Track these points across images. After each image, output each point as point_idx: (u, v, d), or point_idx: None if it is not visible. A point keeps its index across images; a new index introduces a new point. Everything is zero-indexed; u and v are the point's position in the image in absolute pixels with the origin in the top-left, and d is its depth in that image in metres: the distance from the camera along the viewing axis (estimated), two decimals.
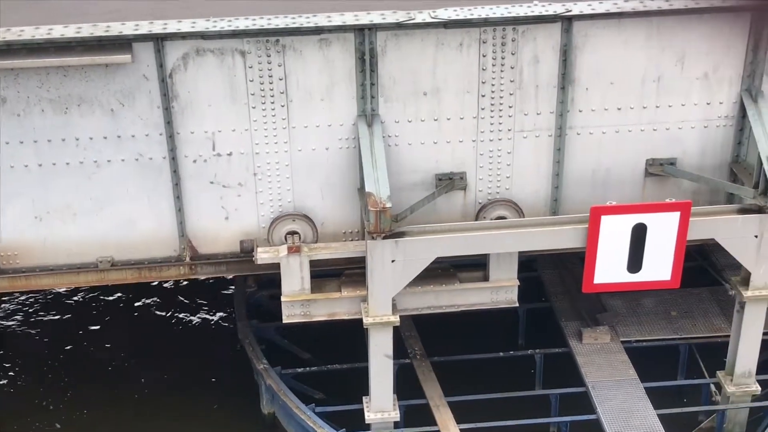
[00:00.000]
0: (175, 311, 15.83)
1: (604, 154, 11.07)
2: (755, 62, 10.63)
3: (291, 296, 10.97)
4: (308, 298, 11.01)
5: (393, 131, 10.68)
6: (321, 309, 11.12)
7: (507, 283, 11.24)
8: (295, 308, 11.05)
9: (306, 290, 10.97)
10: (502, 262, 11.12)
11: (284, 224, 10.97)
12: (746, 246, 10.73)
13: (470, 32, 10.29)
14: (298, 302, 10.99)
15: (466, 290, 11.27)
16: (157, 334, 15.32)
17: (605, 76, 10.64)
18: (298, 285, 10.89)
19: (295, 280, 10.85)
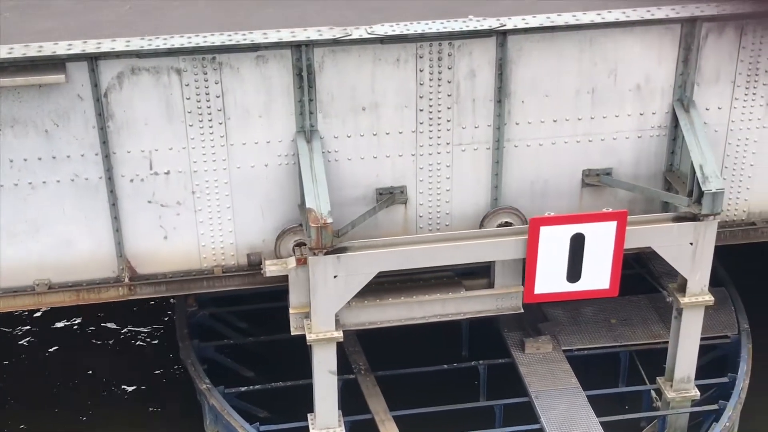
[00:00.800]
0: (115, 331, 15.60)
1: (541, 165, 11.20)
2: (686, 73, 10.86)
3: (299, 308, 10.90)
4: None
5: (332, 147, 10.69)
6: None
7: (512, 289, 11.30)
8: (302, 320, 10.99)
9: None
10: (507, 269, 11.18)
11: (292, 236, 10.90)
12: (682, 253, 10.94)
13: (407, 47, 10.35)
14: (305, 314, 10.93)
15: (472, 298, 11.32)
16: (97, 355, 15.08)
17: (540, 89, 10.78)
18: (306, 297, 10.80)
19: (303, 292, 10.77)
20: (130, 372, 14.64)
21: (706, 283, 11.18)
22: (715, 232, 10.87)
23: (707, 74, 10.93)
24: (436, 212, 11.23)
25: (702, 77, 10.93)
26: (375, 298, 11.10)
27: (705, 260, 11.00)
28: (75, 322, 15.78)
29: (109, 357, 15.06)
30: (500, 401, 12.31)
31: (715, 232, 10.87)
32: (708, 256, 10.99)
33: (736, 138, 11.32)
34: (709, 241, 10.89)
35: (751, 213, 11.82)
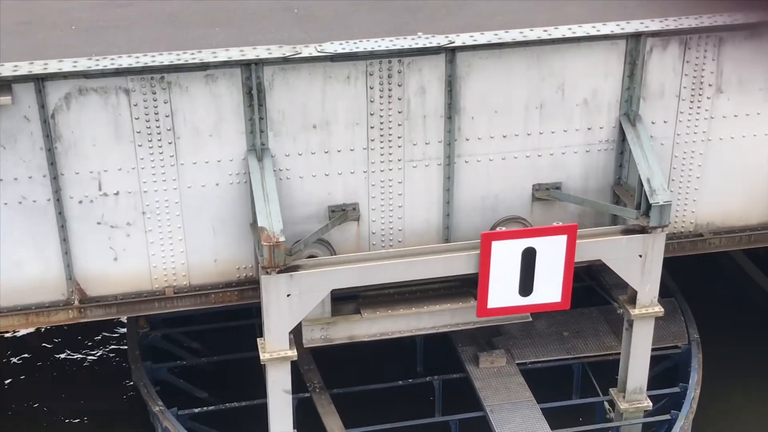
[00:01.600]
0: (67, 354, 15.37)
1: (492, 180, 11.28)
2: (631, 88, 11.03)
3: (312, 320, 11.01)
4: (329, 322, 11.07)
5: (284, 165, 10.67)
6: (341, 332, 11.23)
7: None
8: (316, 332, 11.10)
9: (327, 313, 11.03)
10: None
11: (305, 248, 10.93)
12: (631, 265, 11.07)
13: (357, 65, 10.38)
14: (318, 326, 11.03)
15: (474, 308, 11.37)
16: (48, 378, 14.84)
17: (490, 105, 10.87)
18: (319, 309, 10.89)
19: (317, 306, 10.83)
20: (83, 395, 14.41)
21: (656, 295, 11.32)
22: (663, 244, 11.02)
23: (653, 88, 11.11)
24: (388, 229, 11.25)
25: (648, 91, 11.11)
26: (387, 309, 11.26)
27: (654, 272, 11.15)
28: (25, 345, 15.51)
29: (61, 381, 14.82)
30: (456, 416, 12.35)
31: (663, 244, 11.02)
32: (657, 267, 11.14)
33: (682, 151, 11.51)
34: (657, 253, 11.04)
35: (699, 224, 12.01)
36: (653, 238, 10.92)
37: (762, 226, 12.15)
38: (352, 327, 11.28)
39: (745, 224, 12.11)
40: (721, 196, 11.80)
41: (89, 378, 14.96)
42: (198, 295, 11.09)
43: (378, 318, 11.24)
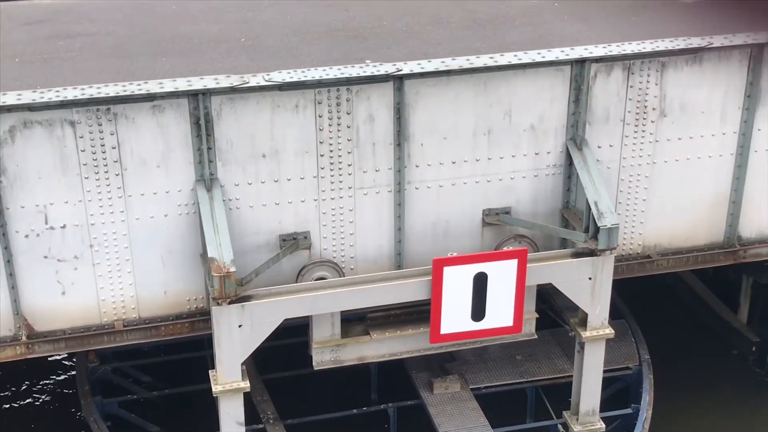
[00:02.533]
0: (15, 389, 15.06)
1: (442, 206, 11.33)
2: (577, 113, 11.18)
3: (321, 342, 11.04)
4: (339, 343, 11.07)
5: (233, 194, 10.61)
6: (351, 353, 11.21)
7: (526, 316, 11.36)
8: (325, 354, 11.08)
9: (336, 335, 11.02)
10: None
11: (314, 270, 10.97)
12: (581, 288, 11.17)
13: (305, 93, 10.39)
14: (328, 348, 11.04)
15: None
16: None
17: (439, 132, 10.94)
18: (329, 330, 10.94)
19: (326, 326, 10.89)
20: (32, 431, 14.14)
21: (606, 317, 11.42)
22: (612, 266, 11.14)
23: (598, 113, 11.27)
24: (340, 256, 11.23)
25: (593, 116, 11.26)
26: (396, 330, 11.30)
27: (604, 294, 11.25)
28: None
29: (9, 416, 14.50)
30: None
31: (612, 266, 11.14)
32: (606, 289, 11.24)
33: (628, 174, 11.68)
34: (607, 276, 11.15)
35: (646, 246, 12.17)
36: (602, 261, 11.03)
37: (708, 246, 12.35)
38: (361, 348, 11.26)
39: (692, 245, 12.29)
40: (667, 218, 11.98)
41: (38, 413, 14.66)
42: (148, 327, 10.95)
43: (387, 339, 11.26)
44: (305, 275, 11.06)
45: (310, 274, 11.06)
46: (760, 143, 11.88)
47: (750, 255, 12.57)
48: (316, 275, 11.06)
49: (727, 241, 12.36)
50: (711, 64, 11.34)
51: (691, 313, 16.22)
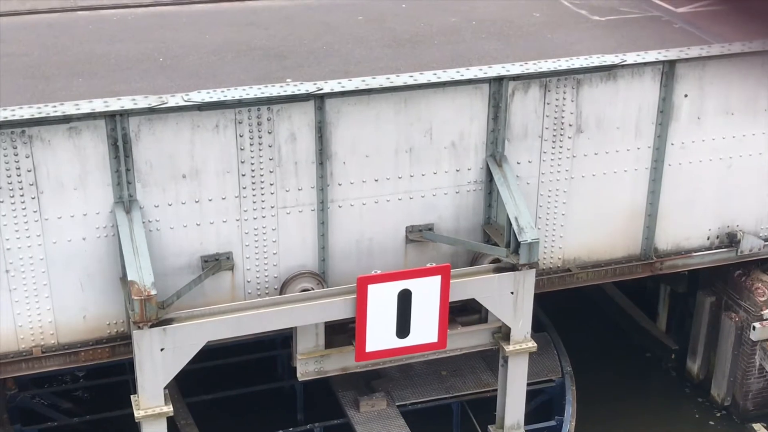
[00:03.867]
0: None
1: (366, 224, 11.36)
2: (496, 130, 11.33)
3: (306, 354, 11.04)
4: (323, 354, 11.02)
5: (153, 216, 10.47)
6: (335, 364, 11.23)
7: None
8: (310, 365, 11.04)
9: (320, 346, 10.99)
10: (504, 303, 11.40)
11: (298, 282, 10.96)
12: (504, 303, 11.29)
13: (225, 113, 10.33)
14: (312, 359, 11.00)
15: (467, 333, 11.56)
16: None
17: (361, 150, 10.98)
18: (313, 342, 10.93)
19: (310, 337, 10.88)
20: None
21: (529, 330, 11.56)
22: (533, 280, 11.29)
23: (516, 130, 11.44)
24: (264, 277, 11.16)
25: (512, 133, 11.43)
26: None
27: (526, 308, 11.39)
28: None
29: None
30: None
31: (533, 280, 11.29)
32: (528, 304, 11.39)
33: (547, 189, 11.87)
34: (528, 290, 11.30)
35: (566, 260, 12.38)
36: (523, 275, 11.18)
37: (626, 259, 12.62)
38: (345, 358, 11.21)
39: (610, 258, 12.55)
40: (586, 232, 12.21)
41: None
42: (67, 353, 10.72)
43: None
44: (290, 286, 11.08)
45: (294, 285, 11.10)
46: (673, 157, 12.20)
47: (666, 266, 12.88)
48: (299, 287, 11.09)
49: (644, 253, 12.65)
50: (625, 81, 11.61)
51: (612, 323, 16.53)
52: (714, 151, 12.34)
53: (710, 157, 12.36)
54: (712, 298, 14.28)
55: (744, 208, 12.83)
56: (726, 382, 14.23)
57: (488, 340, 11.80)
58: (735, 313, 13.85)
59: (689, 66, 11.79)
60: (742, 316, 13.72)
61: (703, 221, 12.73)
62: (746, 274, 13.64)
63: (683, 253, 12.83)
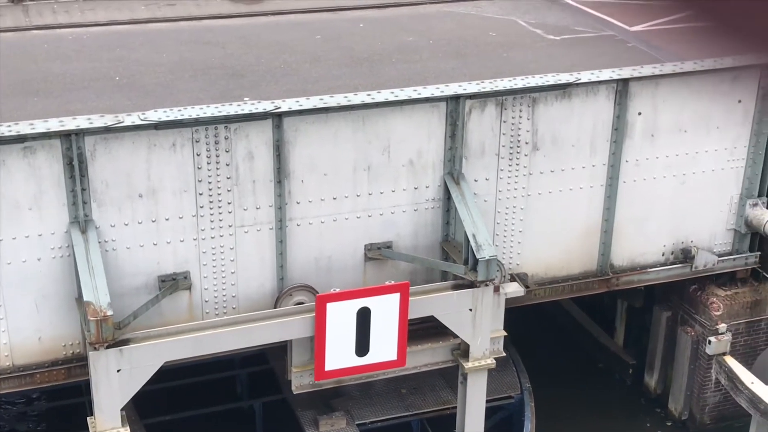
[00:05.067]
0: None
1: (324, 242, 11.37)
2: (454, 147, 11.41)
3: (301, 367, 11.11)
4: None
5: (109, 236, 10.39)
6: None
7: (495, 334, 11.54)
8: (305, 378, 11.09)
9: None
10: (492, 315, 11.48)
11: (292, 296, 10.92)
12: (462, 320, 11.34)
13: (182, 132, 10.29)
14: (307, 372, 11.04)
15: (426, 351, 11.59)
16: None
17: (319, 168, 10.99)
18: (308, 354, 10.93)
19: (305, 350, 10.91)
20: None
21: (488, 347, 11.62)
22: (491, 297, 11.35)
23: (474, 148, 11.53)
24: (222, 296, 11.11)
25: (469, 151, 11.52)
26: None
27: (484, 325, 11.45)
28: None
29: None
30: None
31: (491, 297, 11.35)
32: (487, 320, 11.45)
33: (504, 207, 11.96)
34: (487, 306, 11.36)
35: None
36: (482, 292, 11.24)
37: (583, 275, 12.74)
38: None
39: (567, 274, 12.66)
40: (543, 248, 12.31)
41: None
42: (22, 375, 10.57)
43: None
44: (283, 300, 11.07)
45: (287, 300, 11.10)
46: (628, 174, 12.36)
47: (622, 282, 13.03)
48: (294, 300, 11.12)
49: (601, 269, 12.78)
50: (580, 99, 11.77)
51: (570, 339, 16.64)
52: (668, 168, 12.53)
53: (664, 174, 12.54)
54: (669, 313, 14.45)
55: (698, 224, 13.02)
56: (683, 396, 14.38)
57: (447, 357, 11.85)
58: (691, 328, 14.02)
59: (642, 84, 11.97)
60: (698, 330, 13.90)
61: (658, 237, 12.91)
62: (701, 289, 13.83)
63: (639, 269, 12.99)
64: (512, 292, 11.78)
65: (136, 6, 14.32)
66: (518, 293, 11.90)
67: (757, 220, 12.97)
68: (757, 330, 13.87)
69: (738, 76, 12.33)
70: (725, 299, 13.61)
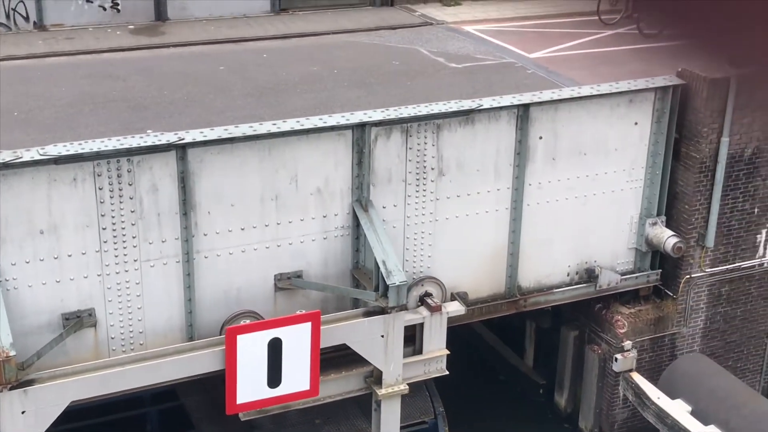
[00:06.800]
0: None
1: (233, 274, 11.26)
2: (361, 175, 11.46)
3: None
4: None
5: (10, 274, 10.09)
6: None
7: (438, 353, 11.67)
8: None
9: None
10: (434, 334, 11.61)
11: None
12: (375, 346, 11.35)
13: (83, 166, 10.10)
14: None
15: (339, 379, 11.63)
16: None
17: (226, 199, 10.91)
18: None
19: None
20: None
21: (400, 373, 11.65)
22: (403, 323, 11.40)
23: (381, 175, 11.60)
24: (128, 332, 10.88)
25: (376, 178, 11.59)
26: None
27: (397, 351, 11.48)
28: None
29: None
30: None
31: (403, 323, 11.40)
32: (399, 346, 11.48)
33: (413, 232, 12.05)
34: (398, 332, 11.40)
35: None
36: (393, 319, 11.28)
37: (492, 297, 12.90)
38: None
39: (476, 297, 12.79)
40: (452, 272, 12.42)
41: None
42: None
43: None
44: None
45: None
46: (531, 197, 12.61)
47: (530, 303, 13.24)
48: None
49: (509, 291, 12.96)
50: (482, 125, 11.97)
51: (482, 361, 16.80)
52: (569, 190, 12.82)
53: (566, 196, 12.83)
54: (576, 332, 14.73)
55: (600, 244, 13.34)
56: (592, 413, 14.65)
57: (361, 385, 11.84)
58: (597, 346, 14.31)
59: (542, 109, 12.26)
60: (605, 348, 14.19)
61: (563, 258, 13.17)
62: (606, 307, 14.14)
63: (545, 289, 13.23)
64: (454, 311, 11.98)
65: (34, 40, 14.07)
66: (459, 312, 12.09)
67: (657, 238, 13.36)
68: (661, 346, 14.25)
69: (633, 99, 12.74)
70: (629, 317, 13.95)
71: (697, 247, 13.64)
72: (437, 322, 11.78)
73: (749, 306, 14.56)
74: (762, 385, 15.22)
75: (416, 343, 11.89)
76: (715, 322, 14.39)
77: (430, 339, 11.85)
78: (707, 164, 13.20)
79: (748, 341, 14.82)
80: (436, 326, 11.81)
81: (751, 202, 13.80)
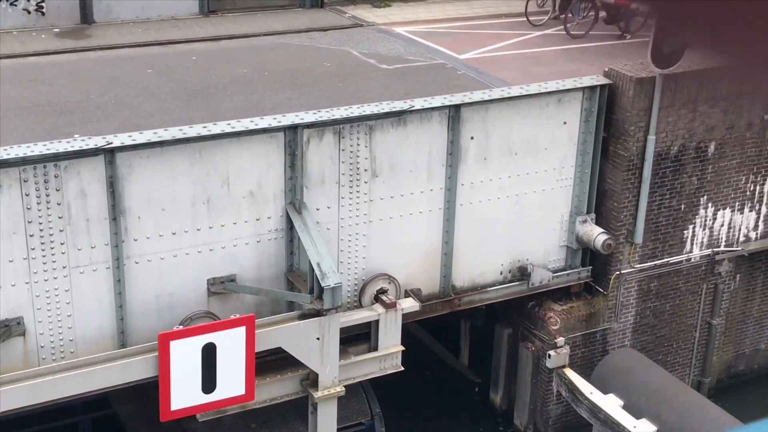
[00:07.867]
0: None
1: (165, 279, 11.11)
2: (294, 177, 11.42)
3: None
4: None
5: None
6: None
7: (393, 350, 11.77)
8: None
9: None
10: (389, 331, 11.70)
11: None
12: (310, 349, 11.32)
13: (9, 172, 9.88)
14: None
15: (275, 383, 11.51)
16: None
17: (156, 203, 10.76)
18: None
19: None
20: None
21: (336, 375, 11.63)
22: (338, 324, 11.39)
23: (314, 177, 11.57)
24: (59, 340, 10.67)
25: (309, 180, 11.55)
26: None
27: (333, 353, 11.46)
28: None
29: None
30: None
31: (338, 324, 11.39)
32: (335, 348, 11.46)
33: (347, 234, 12.05)
34: (334, 334, 11.38)
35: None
36: (328, 321, 11.26)
37: (427, 297, 12.96)
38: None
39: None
40: (387, 273, 12.43)
41: None
42: None
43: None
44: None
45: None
46: (464, 197, 12.70)
47: (464, 302, 13.33)
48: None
49: (443, 291, 13.04)
50: (414, 126, 12.02)
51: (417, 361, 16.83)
52: (501, 190, 12.95)
53: (498, 196, 12.95)
54: (509, 330, 14.88)
55: (532, 242, 13.51)
56: (527, 410, 14.80)
57: (297, 389, 11.79)
58: (531, 343, 14.48)
59: (473, 110, 12.35)
60: (538, 345, 14.36)
61: (496, 257, 13.30)
62: (539, 305, 14.31)
63: (479, 288, 13.34)
64: (408, 308, 12.09)
65: None
66: (414, 308, 12.19)
67: (587, 236, 13.57)
68: (593, 341, 14.48)
69: (562, 99, 12.92)
70: (561, 313, 14.14)
71: (626, 243, 13.89)
72: (392, 319, 11.85)
73: (678, 300, 14.87)
74: (691, 378, 15.56)
75: (371, 340, 11.90)
76: (645, 317, 14.66)
77: (385, 335, 11.97)
78: (635, 162, 13.46)
79: (678, 335, 15.14)
80: (391, 323, 11.88)
81: (678, 199, 14.11)
